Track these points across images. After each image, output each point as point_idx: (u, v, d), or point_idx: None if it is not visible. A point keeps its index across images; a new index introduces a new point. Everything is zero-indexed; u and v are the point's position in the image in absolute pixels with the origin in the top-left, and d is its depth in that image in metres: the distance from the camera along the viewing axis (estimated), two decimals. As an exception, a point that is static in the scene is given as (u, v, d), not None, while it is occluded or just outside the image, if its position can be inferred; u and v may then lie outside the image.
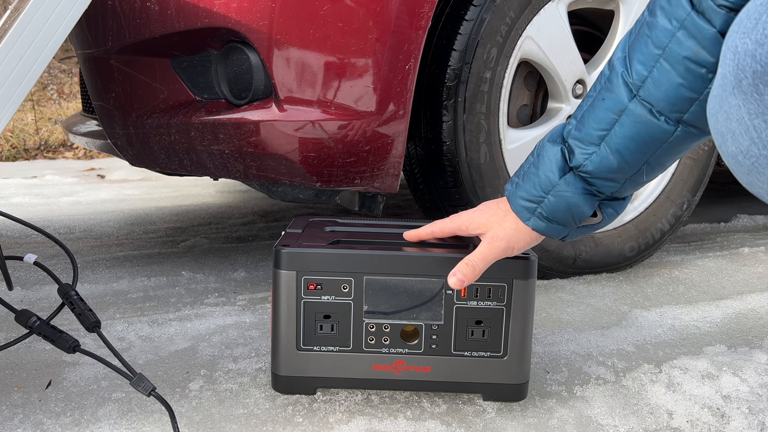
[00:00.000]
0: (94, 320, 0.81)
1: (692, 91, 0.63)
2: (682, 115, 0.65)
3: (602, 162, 0.71)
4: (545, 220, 0.77)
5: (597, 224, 0.79)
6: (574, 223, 0.77)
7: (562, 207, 0.75)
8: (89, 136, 1.50)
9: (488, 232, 0.80)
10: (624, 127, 0.68)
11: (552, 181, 0.75)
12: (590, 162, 0.72)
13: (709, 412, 0.87)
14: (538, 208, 0.76)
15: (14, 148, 4.13)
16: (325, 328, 0.84)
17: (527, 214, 0.77)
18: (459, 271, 0.77)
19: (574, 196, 0.74)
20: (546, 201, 0.75)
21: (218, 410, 0.85)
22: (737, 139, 0.51)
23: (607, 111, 0.69)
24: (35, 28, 0.78)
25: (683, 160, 1.53)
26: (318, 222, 0.99)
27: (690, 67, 0.61)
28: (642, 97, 0.66)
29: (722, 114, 0.52)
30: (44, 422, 0.82)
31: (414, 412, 0.86)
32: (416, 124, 1.30)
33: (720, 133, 0.53)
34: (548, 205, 0.76)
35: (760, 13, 0.47)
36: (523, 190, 0.77)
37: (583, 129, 0.72)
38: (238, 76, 1.08)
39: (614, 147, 0.70)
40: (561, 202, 0.75)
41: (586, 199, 0.75)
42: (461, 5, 1.24)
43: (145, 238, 1.86)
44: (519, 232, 0.79)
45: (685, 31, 0.60)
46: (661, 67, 0.63)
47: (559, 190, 0.74)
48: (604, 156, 0.71)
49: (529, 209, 0.77)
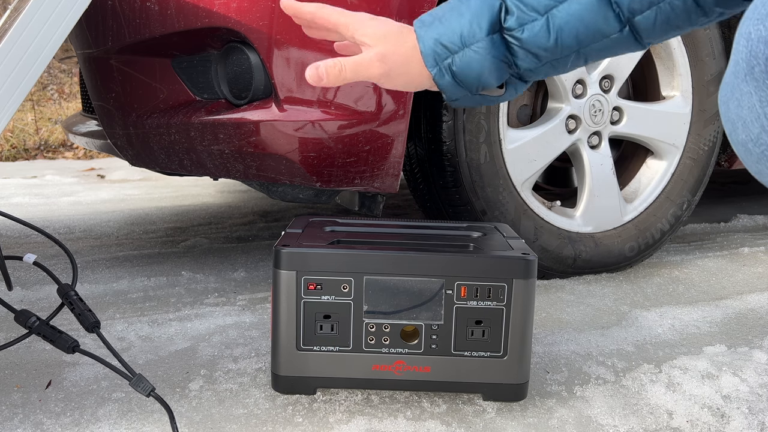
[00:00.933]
0: (93, 320, 0.81)
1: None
2: (635, 15, 0.63)
3: (537, 33, 0.66)
4: (451, 75, 0.69)
5: (496, 97, 0.72)
6: (475, 88, 0.70)
7: (475, 67, 0.68)
8: (89, 136, 1.50)
9: (376, 47, 0.70)
10: (575, 5, 0.64)
11: (476, 34, 0.67)
12: (526, 29, 0.66)
13: (709, 412, 0.87)
14: (449, 59, 0.68)
15: (14, 148, 4.13)
16: (325, 328, 0.84)
17: (434, 61, 0.68)
18: (323, 65, 0.69)
19: (492, 59, 0.67)
20: (461, 54, 0.67)
21: (218, 410, 0.85)
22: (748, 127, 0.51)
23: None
24: (35, 28, 0.78)
25: (683, 160, 1.53)
26: (318, 222, 0.99)
27: None
28: None
29: (733, 101, 0.51)
30: (44, 422, 0.82)
31: (414, 412, 0.86)
32: (416, 124, 1.30)
33: (731, 121, 0.53)
34: (461, 61, 0.68)
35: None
36: (438, 33, 0.68)
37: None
38: (238, 76, 1.08)
39: (557, 22, 0.65)
40: (475, 62, 0.67)
41: (500, 66, 0.68)
42: (461, 5, 1.23)
43: (145, 238, 1.86)
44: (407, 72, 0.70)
45: None
46: None
47: (480, 47, 0.67)
48: (542, 28, 0.65)
49: (440, 56, 0.68)
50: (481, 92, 0.72)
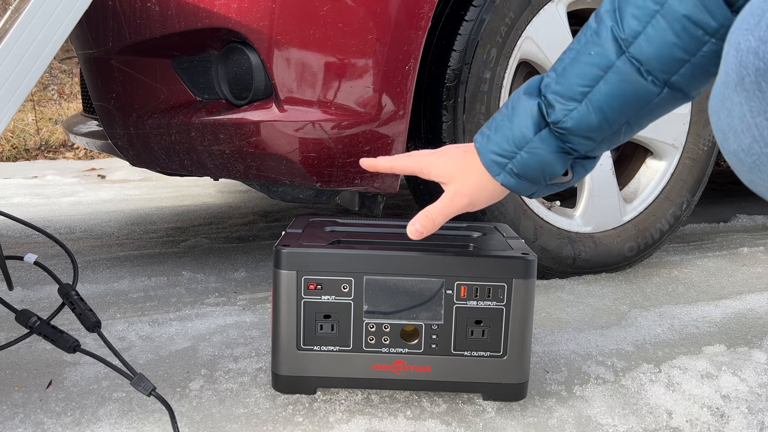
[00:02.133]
0: (94, 320, 0.81)
1: (686, 52, 0.61)
2: (671, 76, 0.63)
3: (582, 119, 0.68)
4: (515, 177, 0.74)
5: (566, 182, 0.76)
6: (543, 180, 0.74)
7: (534, 164, 0.72)
8: (90, 137, 1.50)
9: (451, 185, 0.77)
10: (609, 85, 0.65)
11: (526, 136, 0.71)
12: (570, 119, 0.68)
13: (708, 411, 0.87)
14: (509, 164, 0.73)
15: (15, 148, 4.14)
16: (325, 328, 0.84)
17: (497, 169, 0.74)
18: (418, 222, 0.77)
19: (549, 153, 0.71)
20: (518, 157, 0.72)
21: (218, 410, 0.86)
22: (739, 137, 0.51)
23: (592, 66, 0.66)
24: (36, 29, 0.78)
25: (683, 160, 1.53)
26: (318, 222, 0.99)
27: (687, 27, 0.59)
28: (632, 53, 0.63)
29: (724, 111, 0.51)
30: (45, 422, 0.82)
31: (414, 412, 0.86)
32: (416, 124, 1.30)
33: (722, 131, 0.53)
34: (520, 162, 0.72)
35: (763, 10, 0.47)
36: (495, 144, 0.74)
37: (564, 83, 0.68)
38: (238, 77, 1.09)
39: (597, 105, 0.67)
40: (534, 159, 0.72)
41: (560, 157, 0.72)
42: (461, 5, 1.24)
43: (146, 238, 1.86)
44: (484, 189, 0.76)
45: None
46: (657, 24, 0.61)
47: (533, 146, 0.71)
48: (585, 113, 0.68)
49: (500, 164, 0.74)
50: (552, 182, 0.76)
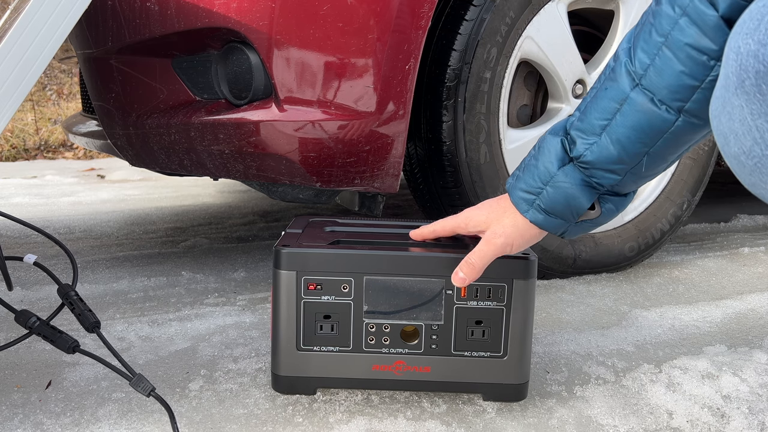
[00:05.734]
0: (93, 320, 0.81)
1: (693, 78, 0.63)
2: (684, 104, 0.65)
3: (602, 152, 0.71)
4: (543, 212, 0.76)
5: (596, 219, 0.78)
6: (572, 216, 0.77)
7: (560, 198, 0.75)
8: (89, 137, 1.50)
9: (487, 230, 0.80)
10: (625, 116, 0.68)
11: (551, 171, 0.75)
12: (590, 152, 0.72)
13: (709, 412, 0.87)
14: (536, 200, 0.76)
15: (14, 148, 4.13)
16: (325, 328, 0.84)
17: (525, 205, 0.77)
18: (461, 270, 0.79)
19: (573, 187, 0.74)
20: (544, 192, 0.76)
21: (218, 410, 0.85)
22: (740, 140, 0.51)
23: (609, 100, 0.69)
24: (35, 28, 0.78)
25: (683, 160, 1.53)
26: (318, 222, 0.99)
27: (691, 54, 0.62)
28: (644, 85, 0.66)
29: (725, 115, 0.52)
30: (44, 422, 0.82)
31: (414, 412, 0.86)
32: (416, 124, 1.30)
33: (722, 134, 0.53)
34: (546, 197, 0.76)
35: (762, 14, 0.47)
36: (523, 182, 0.77)
37: (585, 120, 0.72)
38: (238, 76, 1.08)
39: (615, 137, 0.70)
40: (559, 194, 0.75)
41: (585, 190, 0.75)
42: (461, 5, 1.24)
43: (145, 238, 1.86)
44: (518, 228, 0.79)
45: (688, 17, 0.61)
46: (664, 55, 0.64)
47: (558, 180, 0.74)
48: (605, 146, 0.71)
49: (528, 201, 0.77)
50: (581, 219, 0.78)
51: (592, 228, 0.80)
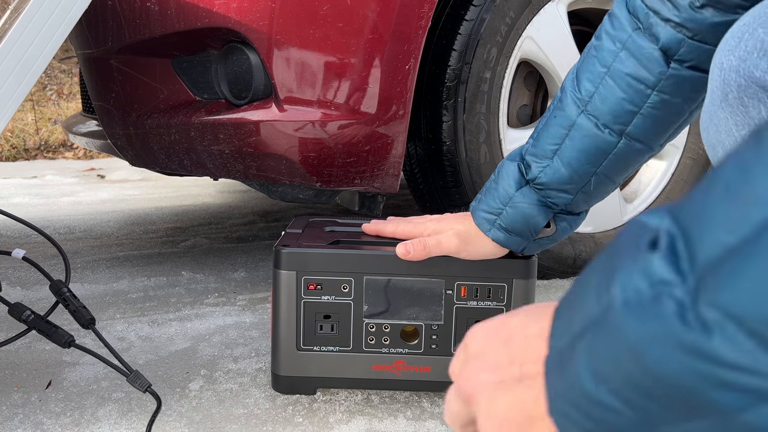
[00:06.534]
0: (89, 317, 0.80)
1: (633, 104, 0.69)
2: (625, 127, 0.71)
3: (555, 174, 0.77)
4: (504, 231, 0.81)
5: (552, 236, 0.83)
6: (530, 234, 0.81)
7: (518, 218, 0.80)
8: (89, 136, 1.50)
9: (452, 228, 0.83)
10: (573, 141, 0.74)
11: (509, 193, 0.80)
12: (544, 174, 0.77)
13: (709, 412, 0.86)
14: (497, 220, 0.81)
15: (14, 148, 4.13)
16: (325, 328, 0.84)
17: (488, 225, 0.81)
18: (411, 245, 0.81)
19: (530, 206, 0.79)
20: (504, 212, 0.80)
21: (218, 410, 0.85)
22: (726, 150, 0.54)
23: (558, 127, 0.75)
24: (35, 28, 0.78)
25: (683, 159, 1.53)
26: (318, 222, 0.99)
27: (631, 83, 0.68)
28: (589, 111, 0.72)
29: (713, 127, 0.55)
30: (44, 422, 0.82)
31: (414, 412, 0.86)
32: (416, 124, 1.30)
33: (711, 145, 0.57)
34: (507, 217, 0.80)
35: (742, 32, 0.51)
36: (485, 204, 0.82)
37: (538, 145, 0.78)
38: (238, 76, 1.08)
39: (565, 159, 0.75)
40: (518, 213, 0.80)
41: (541, 209, 0.80)
42: (461, 5, 1.24)
43: (145, 238, 1.86)
44: (479, 238, 0.82)
45: (627, 51, 0.68)
46: (606, 83, 0.70)
47: (516, 201, 0.80)
48: (557, 168, 0.76)
49: (490, 221, 0.81)
50: (539, 236, 0.82)
51: (549, 244, 0.85)
